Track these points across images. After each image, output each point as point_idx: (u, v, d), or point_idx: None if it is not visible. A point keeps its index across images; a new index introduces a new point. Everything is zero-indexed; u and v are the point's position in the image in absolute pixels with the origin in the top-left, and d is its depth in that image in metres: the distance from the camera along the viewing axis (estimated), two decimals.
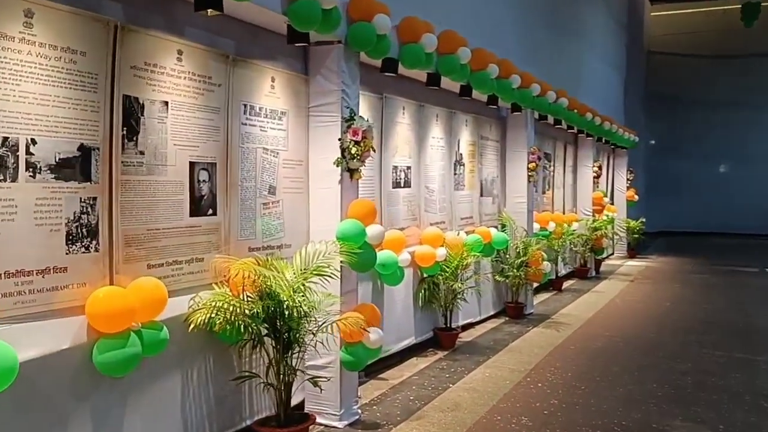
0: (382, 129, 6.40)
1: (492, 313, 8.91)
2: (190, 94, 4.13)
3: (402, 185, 6.84)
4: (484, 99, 7.92)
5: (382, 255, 5.86)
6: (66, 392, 3.33)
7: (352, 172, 5.15)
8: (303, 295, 4.29)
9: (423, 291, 7.07)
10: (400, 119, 6.79)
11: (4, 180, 3.10)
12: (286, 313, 4.21)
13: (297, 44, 4.77)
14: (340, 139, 5.03)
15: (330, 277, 4.35)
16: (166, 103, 3.95)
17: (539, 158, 9.75)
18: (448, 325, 7.43)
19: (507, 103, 8.48)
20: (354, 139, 5.04)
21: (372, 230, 5.01)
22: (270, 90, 4.83)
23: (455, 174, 8.06)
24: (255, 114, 4.69)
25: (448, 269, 7.11)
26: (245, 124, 4.60)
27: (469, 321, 8.20)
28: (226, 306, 4.02)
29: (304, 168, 5.18)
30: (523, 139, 9.40)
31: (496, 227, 8.93)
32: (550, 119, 10.17)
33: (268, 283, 4.15)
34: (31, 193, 3.21)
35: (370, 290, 6.07)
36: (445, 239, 7.26)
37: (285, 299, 4.16)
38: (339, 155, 5.05)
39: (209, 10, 3.84)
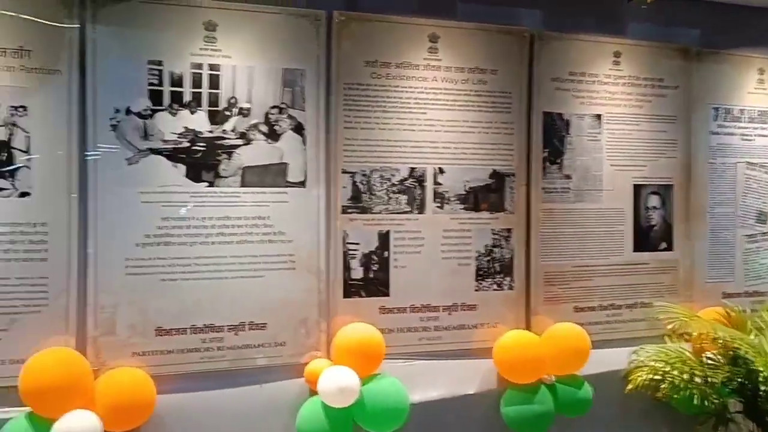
0: None
1: None
2: (632, 102, 3.40)
3: None
4: None
5: None
6: None
7: None
8: None
9: None
10: None
11: (411, 211, 3.03)
12: (763, 387, 3.01)
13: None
14: None
15: None
16: (599, 116, 3.33)
17: None
18: None
19: None
20: None
21: None
22: (757, 86, 3.66)
23: None
24: (732, 119, 3.61)
25: None
26: (716, 134, 3.58)
27: None
28: (675, 368, 3.11)
29: None
30: None
31: None
32: None
33: (735, 345, 3.05)
34: (438, 225, 3.06)
35: None
36: None
37: (761, 369, 2.98)
38: None
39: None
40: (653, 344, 3.29)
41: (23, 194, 2.52)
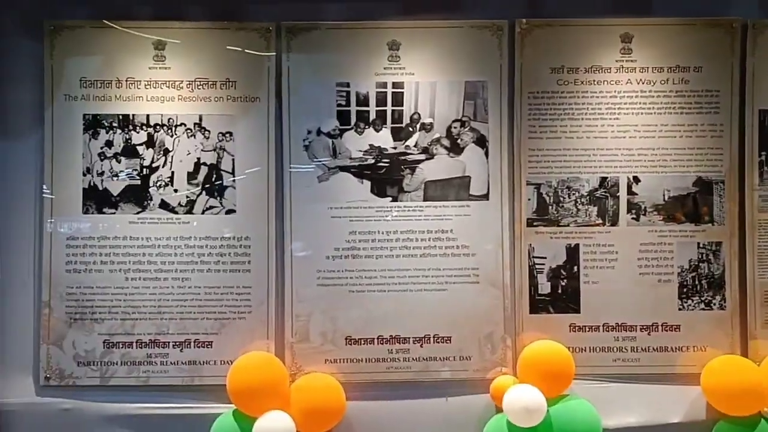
0: None
1: None
2: None
3: None
4: None
5: None
6: None
7: None
8: None
9: None
10: None
11: (603, 224, 2.84)
12: None
13: None
14: None
15: None
16: None
17: None
18: None
19: None
20: None
21: None
22: None
23: None
24: None
25: None
26: None
27: None
28: None
29: None
30: None
31: None
32: None
33: None
34: (634, 238, 2.84)
35: None
36: None
37: None
38: None
39: None
40: None
41: (229, 211, 2.79)
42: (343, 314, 2.80)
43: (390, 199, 2.81)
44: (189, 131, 2.79)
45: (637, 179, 2.84)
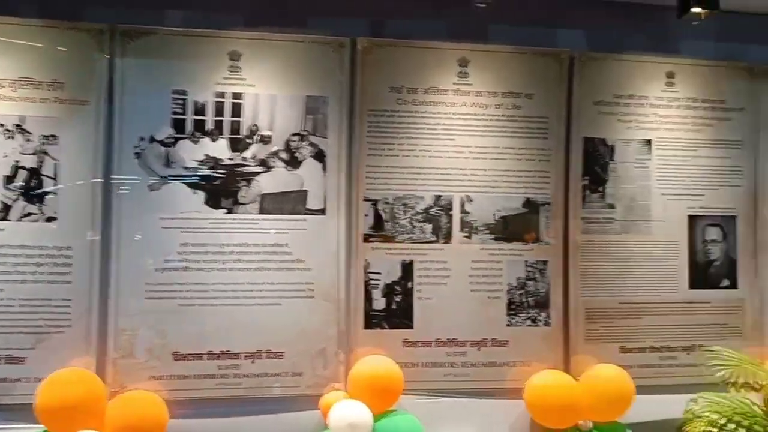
0: None
1: None
2: (689, 127, 3.14)
3: None
4: None
5: None
6: None
7: None
8: None
9: None
10: None
11: (437, 241, 2.91)
12: None
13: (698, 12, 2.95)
14: None
15: None
16: (648, 141, 3.09)
17: None
18: None
19: None
20: None
21: None
22: None
23: None
24: None
25: None
26: None
27: None
28: (734, 421, 2.77)
29: None
30: None
31: None
32: None
33: None
34: (466, 255, 2.92)
35: None
36: None
37: None
38: None
39: (700, 10, 2.81)
40: (713, 392, 2.96)
41: (50, 219, 2.63)
42: (173, 329, 2.70)
43: (224, 210, 2.75)
44: (8, 132, 2.63)
45: (469, 198, 2.93)
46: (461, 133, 2.95)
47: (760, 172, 3.18)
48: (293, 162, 2.82)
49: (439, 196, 2.92)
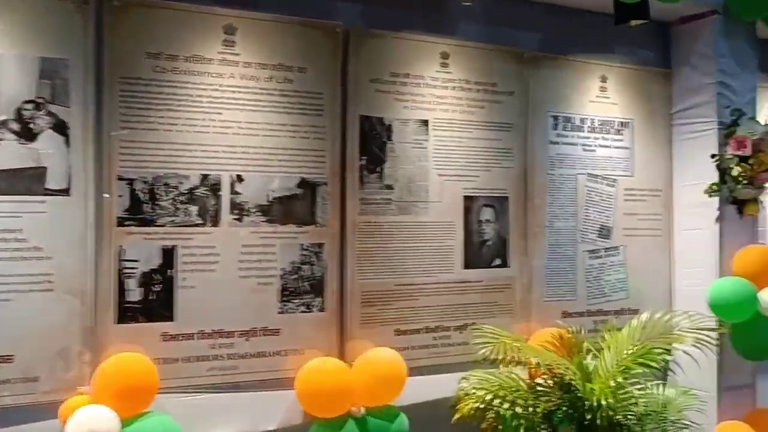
0: None
1: None
2: (463, 108, 3.16)
3: None
4: None
5: None
6: None
7: (741, 205, 3.38)
8: (626, 392, 2.80)
9: None
10: None
11: (204, 224, 2.67)
12: (588, 416, 2.78)
13: (633, 23, 3.30)
14: (715, 156, 3.36)
15: (659, 369, 2.75)
16: (426, 122, 3.07)
17: None
18: None
19: None
20: (738, 153, 3.30)
21: None
22: (599, 94, 3.49)
23: None
24: (573, 128, 3.42)
25: None
26: (556, 143, 3.38)
27: None
28: (499, 396, 2.84)
29: (662, 200, 3.61)
30: None
31: None
32: None
33: (560, 371, 2.81)
34: (236, 240, 2.71)
35: None
36: None
37: (584, 395, 2.75)
38: (717, 179, 3.37)
39: (632, 22, 3.03)
40: (483, 370, 3.02)
41: None
42: None
43: None
44: None
45: (240, 178, 2.72)
46: (229, 106, 2.72)
47: (530, 155, 3.30)
48: (27, 134, 2.42)
49: (206, 175, 2.67)
